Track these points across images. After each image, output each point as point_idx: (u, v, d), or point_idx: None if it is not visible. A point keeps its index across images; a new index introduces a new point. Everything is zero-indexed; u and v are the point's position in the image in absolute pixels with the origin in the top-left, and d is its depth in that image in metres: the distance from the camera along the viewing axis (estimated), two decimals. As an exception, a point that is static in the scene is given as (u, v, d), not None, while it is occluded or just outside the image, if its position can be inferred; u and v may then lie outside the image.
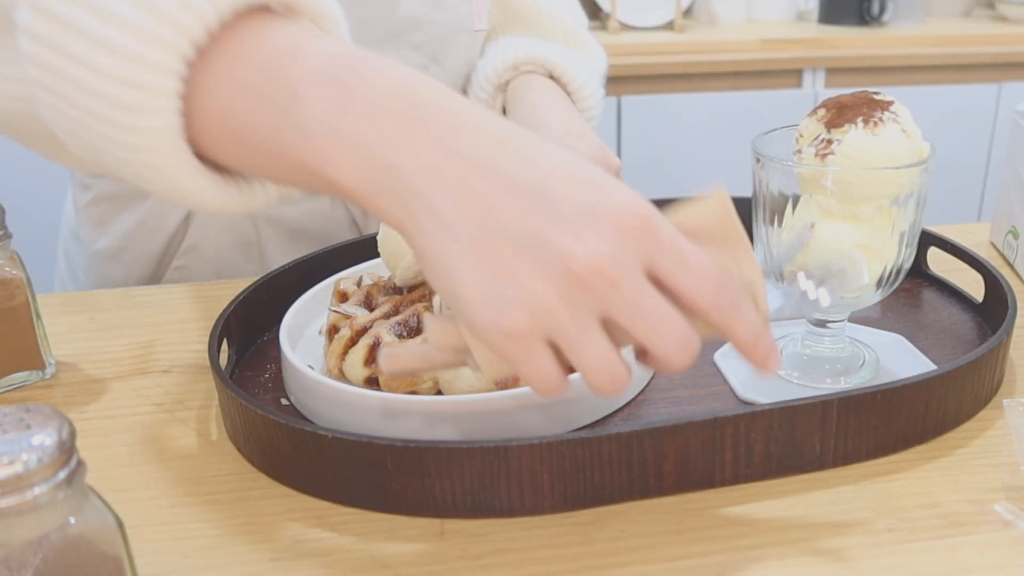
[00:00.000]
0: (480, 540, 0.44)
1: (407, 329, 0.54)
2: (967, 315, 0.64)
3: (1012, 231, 0.73)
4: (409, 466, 0.44)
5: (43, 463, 0.30)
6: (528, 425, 0.50)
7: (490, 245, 0.36)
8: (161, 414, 0.56)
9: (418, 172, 0.37)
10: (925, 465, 0.48)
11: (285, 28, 0.39)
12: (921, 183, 0.50)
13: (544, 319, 0.36)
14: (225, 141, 0.39)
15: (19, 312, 0.57)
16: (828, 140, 0.49)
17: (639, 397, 0.55)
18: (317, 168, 0.38)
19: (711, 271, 0.38)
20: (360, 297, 0.59)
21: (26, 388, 0.59)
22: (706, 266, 0.38)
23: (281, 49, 0.38)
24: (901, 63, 1.91)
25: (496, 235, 0.36)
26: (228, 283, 0.76)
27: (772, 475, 0.47)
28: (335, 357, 0.54)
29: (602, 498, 0.45)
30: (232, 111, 0.39)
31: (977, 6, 2.34)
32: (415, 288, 0.59)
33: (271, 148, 0.38)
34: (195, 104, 0.39)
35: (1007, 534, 0.43)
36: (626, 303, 0.37)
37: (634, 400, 0.55)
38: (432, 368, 0.43)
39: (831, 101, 0.51)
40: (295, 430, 0.46)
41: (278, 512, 0.46)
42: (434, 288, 0.38)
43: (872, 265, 0.51)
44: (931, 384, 0.49)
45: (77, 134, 0.40)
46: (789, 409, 0.46)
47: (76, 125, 0.40)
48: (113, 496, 0.37)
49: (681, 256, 0.38)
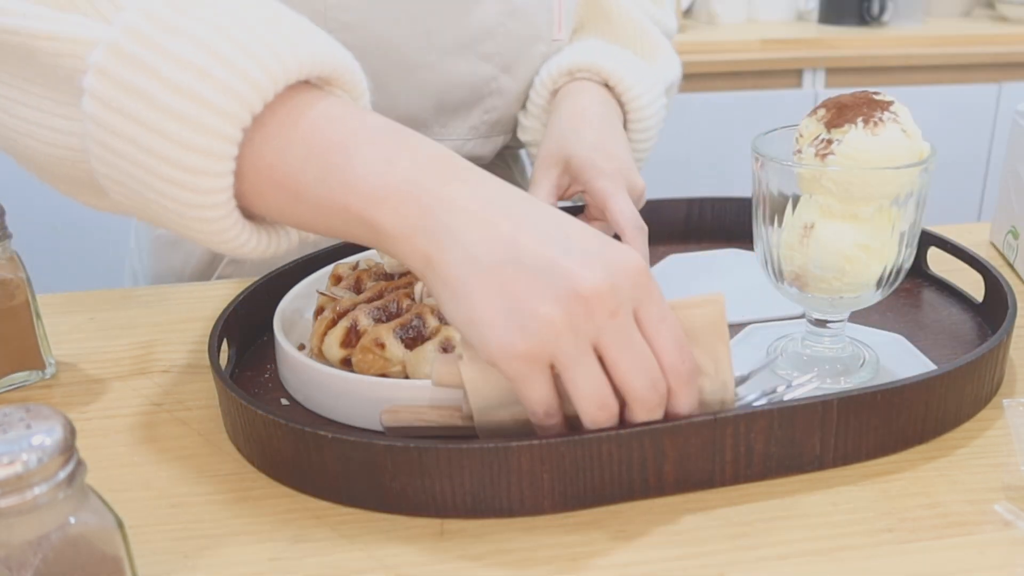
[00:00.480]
0: (480, 540, 0.44)
1: (386, 314, 0.56)
2: (967, 315, 0.64)
3: (1012, 231, 0.73)
4: (409, 466, 0.44)
5: (43, 463, 0.30)
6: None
7: (507, 273, 0.41)
8: (161, 414, 0.56)
9: (452, 212, 0.42)
10: (925, 465, 0.48)
11: (327, 98, 0.46)
12: (921, 183, 0.50)
13: (552, 341, 0.41)
14: (272, 192, 0.45)
15: (19, 312, 0.57)
16: (828, 140, 0.49)
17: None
18: (360, 210, 0.43)
19: (682, 338, 0.44)
20: (351, 281, 0.61)
21: (26, 388, 0.59)
22: (680, 332, 0.44)
23: (328, 114, 0.45)
24: (901, 63, 1.91)
25: (514, 264, 0.41)
26: (228, 283, 0.76)
27: (772, 475, 0.47)
28: (316, 337, 0.56)
29: (602, 498, 0.45)
30: (282, 165, 0.44)
31: (977, 6, 2.34)
32: (404, 275, 0.60)
33: (317, 195, 0.44)
34: (247, 163, 0.44)
35: (1007, 534, 0.43)
36: (618, 334, 0.42)
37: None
38: (426, 424, 0.49)
39: (831, 101, 0.51)
40: (295, 430, 0.46)
41: (278, 512, 0.46)
42: (450, 319, 0.43)
43: (872, 265, 0.51)
44: (931, 384, 0.49)
45: (128, 187, 0.45)
46: (789, 409, 0.46)
47: (131, 179, 0.44)
48: (113, 496, 0.37)
49: (663, 312, 0.43)
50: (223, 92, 0.42)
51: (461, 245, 0.41)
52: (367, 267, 0.63)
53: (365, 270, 0.62)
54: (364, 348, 0.53)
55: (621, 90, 0.76)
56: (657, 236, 0.78)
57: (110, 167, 0.44)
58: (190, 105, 0.42)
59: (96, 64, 0.42)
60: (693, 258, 0.75)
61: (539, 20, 0.79)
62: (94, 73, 0.42)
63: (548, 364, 0.42)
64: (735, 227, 0.78)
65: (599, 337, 0.41)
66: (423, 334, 0.54)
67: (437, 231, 0.42)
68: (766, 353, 0.58)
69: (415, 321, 0.54)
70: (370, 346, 0.53)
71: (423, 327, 0.54)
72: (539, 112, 0.81)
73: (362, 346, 0.53)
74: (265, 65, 0.42)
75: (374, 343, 0.53)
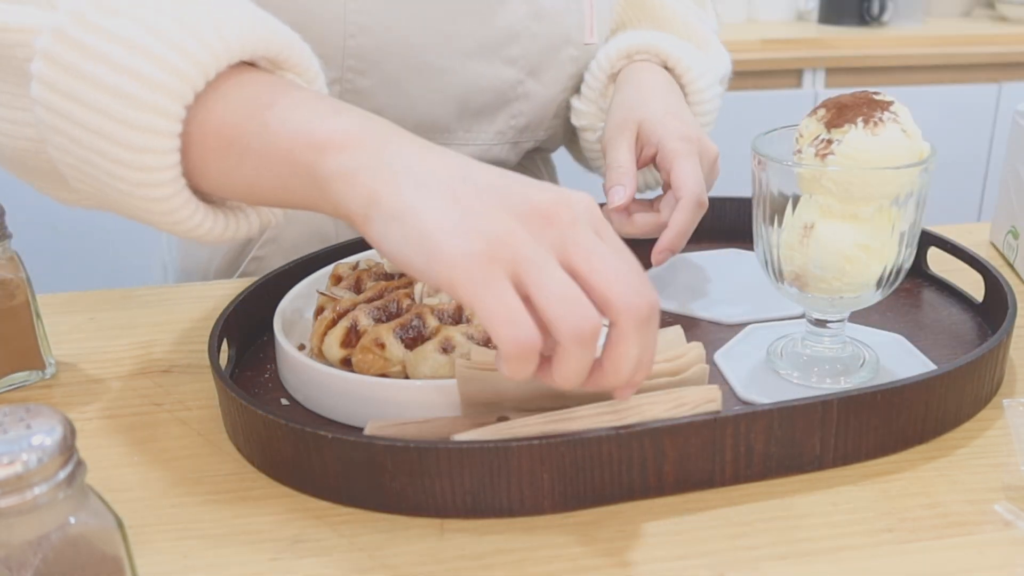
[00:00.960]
0: (480, 540, 0.44)
1: (385, 314, 0.56)
2: (967, 315, 0.64)
3: (1012, 231, 0.73)
4: (409, 466, 0.44)
5: (43, 463, 0.30)
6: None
7: (460, 191, 0.39)
8: (161, 414, 0.56)
9: (398, 154, 0.41)
10: (925, 465, 0.48)
11: (271, 75, 0.47)
12: (921, 183, 0.50)
13: (507, 244, 0.37)
14: (216, 156, 0.45)
15: (19, 312, 0.57)
16: (828, 140, 0.49)
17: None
18: (303, 154, 0.42)
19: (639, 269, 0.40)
20: (351, 281, 0.61)
21: (26, 388, 0.59)
22: (637, 265, 0.40)
23: (273, 83, 0.46)
24: (901, 63, 1.91)
25: (466, 184, 0.40)
26: (228, 283, 0.76)
27: (772, 475, 0.47)
28: (316, 337, 0.56)
29: (602, 498, 0.45)
30: (225, 127, 0.44)
31: (977, 6, 2.34)
32: (404, 275, 0.60)
33: (261, 147, 0.43)
34: (191, 139, 0.45)
35: (1007, 534, 0.43)
36: (583, 240, 0.39)
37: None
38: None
39: (831, 101, 0.51)
40: (295, 430, 0.46)
41: (278, 512, 0.46)
42: (400, 258, 0.39)
43: (872, 265, 0.51)
44: (931, 384, 0.49)
45: (83, 171, 0.45)
46: (789, 409, 0.46)
47: (84, 164, 0.45)
48: (113, 496, 0.37)
49: (620, 244, 0.40)
50: (164, 70, 0.42)
51: (411, 174, 0.40)
52: (367, 267, 0.63)
53: (365, 270, 0.62)
54: (364, 348, 0.53)
55: (680, 71, 0.75)
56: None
57: (64, 152, 0.45)
58: (132, 83, 0.42)
59: (42, 49, 0.43)
60: (693, 258, 0.75)
61: (568, 23, 0.77)
62: (40, 58, 0.43)
63: (507, 275, 0.37)
64: (735, 227, 0.78)
65: (563, 246, 0.38)
66: (423, 334, 0.54)
67: (382, 168, 0.40)
68: (766, 353, 0.58)
69: (415, 321, 0.54)
70: (370, 346, 0.53)
71: (423, 327, 0.54)
72: (596, 96, 0.79)
73: (362, 346, 0.53)
74: (207, 43, 0.43)
75: (374, 343, 0.53)
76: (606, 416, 0.45)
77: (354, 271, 0.63)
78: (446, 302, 0.56)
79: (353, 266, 0.64)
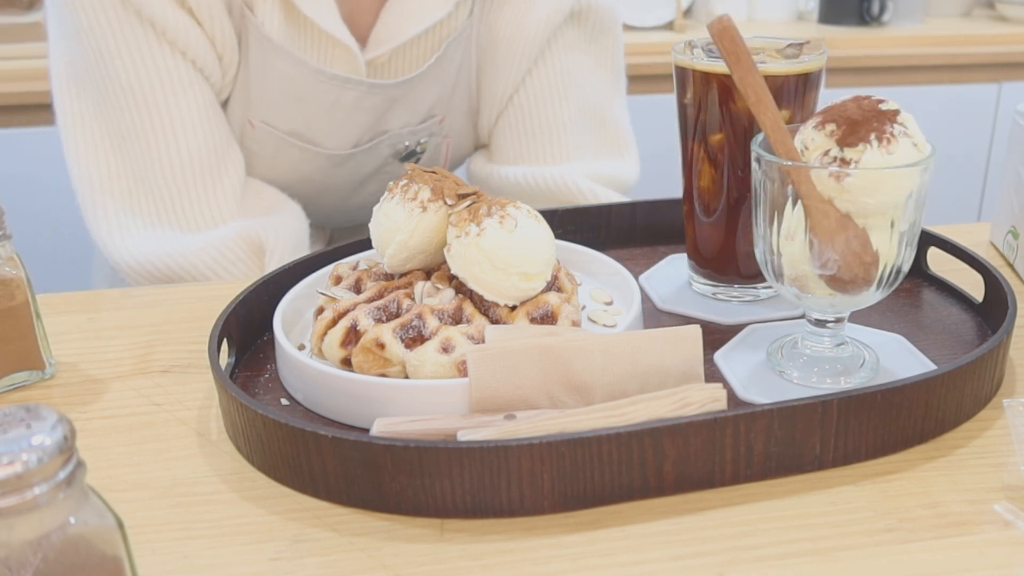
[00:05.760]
0: (480, 540, 0.44)
1: (386, 314, 0.56)
2: (967, 315, 0.64)
3: (1012, 231, 0.73)
4: (409, 466, 0.44)
5: (43, 463, 0.30)
6: None
7: None
8: (161, 414, 0.56)
9: None
10: (925, 465, 0.48)
11: None
12: (921, 183, 0.50)
13: None
14: None
15: (19, 312, 0.57)
16: (843, 160, 0.49)
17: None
18: None
19: None
20: (351, 282, 0.61)
21: (26, 388, 0.59)
22: None
23: None
24: (901, 63, 1.91)
25: None
26: (228, 283, 0.76)
27: (772, 475, 0.47)
28: (316, 337, 0.56)
29: (602, 498, 0.45)
30: None
31: (977, 6, 2.34)
32: (404, 275, 0.60)
33: None
34: None
35: (1007, 534, 0.43)
36: None
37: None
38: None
39: (838, 114, 0.49)
40: (295, 430, 0.46)
41: (278, 512, 0.46)
42: None
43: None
44: (931, 384, 0.49)
45: None
46: (789, 409, 0.46)
47: None
48: (113, 496, 0.37)
49: None
50: None
51: None
52: (367, 267, 0.63)
53: (365, 270, 0.62)
54: (364, 348, 0.53)
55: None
56: (657, 236, 0.78)
57: None
58: None
59: None
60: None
61: None
62: None
63: None
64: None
65: None
66: (423, 334, 0.54)
67: None
68: (766, 353, 0.58)
69: (415, 321, 0.54)
70: (370, 346, 0.53)
71: (423, 327, 0.54)
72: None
73: (362, 346, 0.53)
74: None
75: (374, 343, 0.53)
76: (612, 415, 0.46)
77: (354, 271, 0.63)
78: (446, 302, 0.56)
79: (353, 266, 0.64)
